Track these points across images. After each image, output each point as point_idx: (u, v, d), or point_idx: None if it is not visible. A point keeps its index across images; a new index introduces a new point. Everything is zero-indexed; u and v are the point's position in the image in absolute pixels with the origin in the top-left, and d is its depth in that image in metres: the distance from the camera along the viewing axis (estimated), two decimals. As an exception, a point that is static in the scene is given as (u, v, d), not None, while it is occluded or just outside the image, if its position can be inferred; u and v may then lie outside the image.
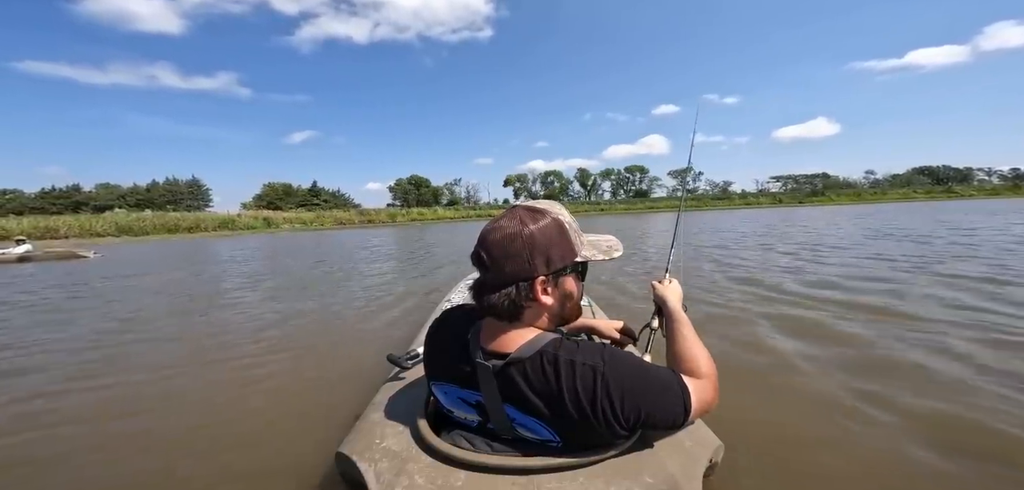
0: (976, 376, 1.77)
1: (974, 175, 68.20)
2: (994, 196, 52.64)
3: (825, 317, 2.75)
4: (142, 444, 1.56)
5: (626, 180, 70.82)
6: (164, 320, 3.67)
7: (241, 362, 2.43)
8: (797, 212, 25.88)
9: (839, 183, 68.22)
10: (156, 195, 53.56)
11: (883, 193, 60.35)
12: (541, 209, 0.79)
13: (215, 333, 3.14)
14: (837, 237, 8.28)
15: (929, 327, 2.44)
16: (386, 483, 0.72)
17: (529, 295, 0.76)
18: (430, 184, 67.31)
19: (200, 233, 31.38)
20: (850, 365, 1.94)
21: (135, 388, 2.11)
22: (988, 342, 2.14)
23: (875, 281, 3.85)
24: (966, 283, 3.54)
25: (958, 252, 5.44)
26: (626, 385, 0.72)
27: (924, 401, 1.57)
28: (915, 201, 45.66)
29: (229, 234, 30.63)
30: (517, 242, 0.74)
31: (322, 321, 3.42)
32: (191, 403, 1.92)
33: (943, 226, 9.63)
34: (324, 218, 43.58)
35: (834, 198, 57.86)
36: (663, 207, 56.02)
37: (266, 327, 3.26)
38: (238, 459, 1.42)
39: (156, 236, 28.31)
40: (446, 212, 53.55)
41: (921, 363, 1.92)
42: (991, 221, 10.53)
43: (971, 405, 1.53)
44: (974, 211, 16.46)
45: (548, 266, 0.76)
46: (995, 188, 61.46)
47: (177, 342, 2.94)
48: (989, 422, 1.41)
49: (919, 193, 58.72)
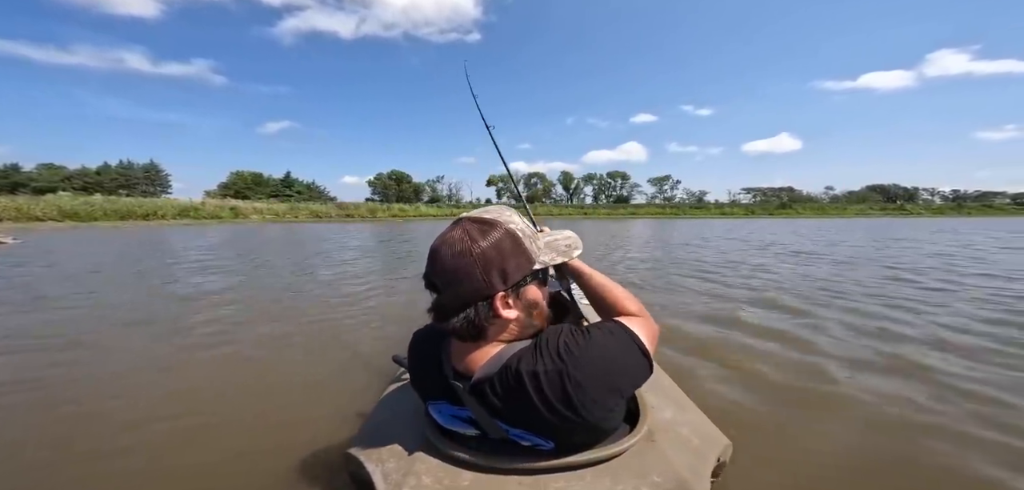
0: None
1: (920, 194, 74.13)
2: (939, 215, 57.44)
3: (844, 319, 2.82)
4: (142, 445, 1.48)
5: (608, 185, 71.82)
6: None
7: (240, 361, 2.35)
8: (792, 223, 26.82)
9: (803, 197, 72.30)
10: (107, 179, 48.83)
11: (843, 208, 64.38)
12: (490, 220, 0.74)
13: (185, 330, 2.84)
14: (852, 247, 8.32)
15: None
16: (393, 483, 0.72)
17: (490, 314, 0.72)
18: (411, 180, 65.42)
19: (157, 220, 28.82)
20: (863, 365, 1.97)
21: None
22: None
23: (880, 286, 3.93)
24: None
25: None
26: (595, 371, 0.70)
27: (936, 405, 1.59)
28: (871, 216, 49.22)
29: (190, 222, 28.56)
30: (467, 261, 0.70)
31: (325, 322, 3.23)
32: (188, 403, 1.81)
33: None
34: (298, 210, 41.32)
35: (800, 211, 61.11)
36: (643, 213, 57.21)
37: (257, 327, 3.02)
38: (242, 461, 1.38)
39: (106, 222, 25.66)
40: (429, 209, 52.11)
41: (935, 366, 1.95)
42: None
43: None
44: (940, 230, 17.42)
45: (505, 281, 0.72)
46: (940, 207, 67.03)
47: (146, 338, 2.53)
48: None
49: (874, 210, 63.11)
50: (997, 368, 1.97)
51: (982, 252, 7.39)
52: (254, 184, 55.15)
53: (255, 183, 55.52)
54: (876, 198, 71.98)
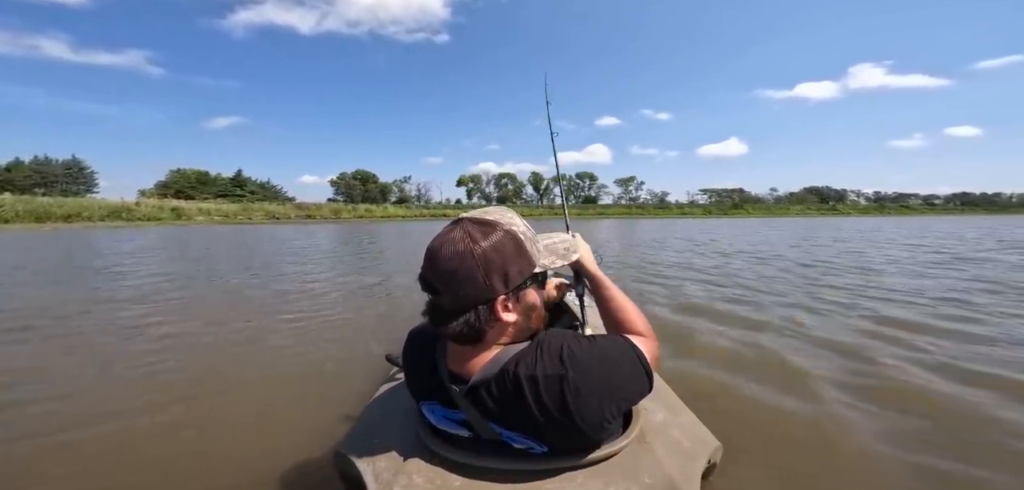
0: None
1: (848, 196, 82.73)
2: (865, 214, 64.41)
3: (837, 320, 2.90)
4: (138, 443, 1.49)
5: (577, 186, 73.11)
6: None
7: (237, 360, 2.37)
8: (748, 223, 28.59)
9: (752, 198, 78.06)
10: (19, 176, 42.13)
11: (787, 208, 70.24)
12: (491, 221, 0.71)
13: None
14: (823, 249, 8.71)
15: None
16: (384, 483, 0.71)
17: (490, 317, 0.70)
18: (378, 180, 62.68)
19: (82, 222, 25.23)
20: (851, 370, 1.99)
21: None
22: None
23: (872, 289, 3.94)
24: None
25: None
26: (595, 380, 0.69)
27: (929, 399, 1.65)
28: (810, 216, 54.16)
29: (123, 224, 25.45)
30: (469, 263, 0.67)
31: (319, 320, 3.23)
32: (182, 401, 1.80)
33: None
34: (252, 210, 38.00)
35: (751, 211, 65.87)
36: (611, 213, 58.86)
37: (253, 322, 3.13)
38: (233, 459, 1.38)
39: (18, 225, 21.98)
40: (397, 210, 50.09)
41: (930, 373, 1.95)
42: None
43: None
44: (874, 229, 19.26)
45: (507, 284, 0.70)
46: (866, 207, 75.16)
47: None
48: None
49: (812, 210, 69.45)
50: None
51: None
52: (198, 183, 50.12)
53: (200, 182, 50.47)
54: (813, 199, 79.18)
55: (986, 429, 1.48)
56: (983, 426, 1.50)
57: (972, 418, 1.55)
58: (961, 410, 1.61)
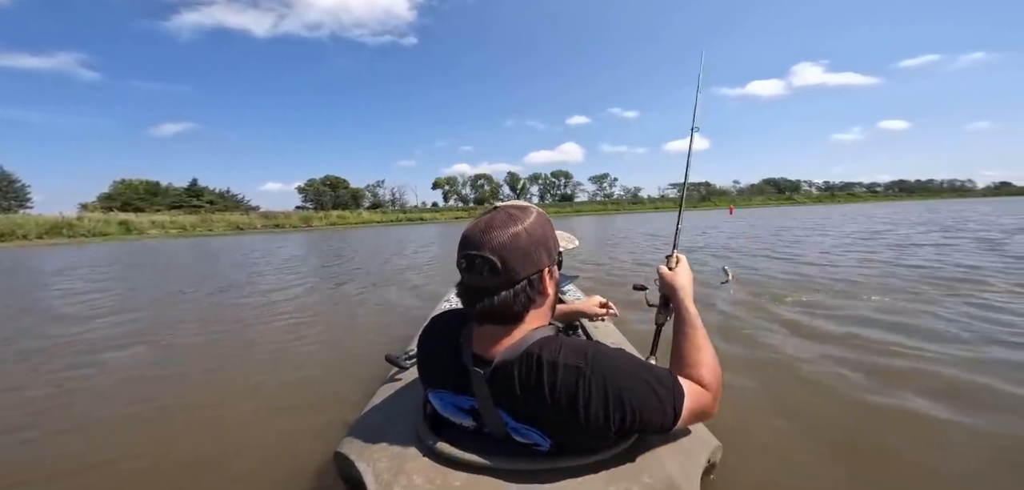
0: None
1: (802, 186, 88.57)
2: (818, 203, 69.00)
3: (833, 314, 2.78)
4: (138, 443, 1.52)
5: (553, 184, 73.70)
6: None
7: (237, 359, 2.42)
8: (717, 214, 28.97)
9: (718, 191, 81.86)
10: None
11: (750, 199, 74.17)
12: (524, 205, 0.79)
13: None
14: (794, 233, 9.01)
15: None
16: (385, 483, 0.72)
17: (539, 288, 0.75)
18: (349, 185, 60.31)
19: (16, 241, 22.50)
20: (853, 364, 1.92)
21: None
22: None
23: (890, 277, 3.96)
24: None
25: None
26: (611, 386, 0.69)
27: (931, 402, 1.55)
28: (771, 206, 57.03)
29: (65, 242, 23.02)
30: (524, 240, 0.73)
31: (319, 321, 3.28)
32: (176, 405, 1.84)
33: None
34: (213, 221, 35.40)
35: (718, 203, 69.00)
36: (587, 211, 59.69)
37: (257, 323, 3.19)
38: (233, 460, 1.39)
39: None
40: (372, 216, 48.37)
41: (933, 371, 1.84)
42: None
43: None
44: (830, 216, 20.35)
45: (549, 257, 0.77)
46: (818, 197, 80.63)
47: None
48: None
49: (771, 200, 73.71)
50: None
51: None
52: (148, 194, 46.26)
53: (150, 193, 46.60)
54: (771, 190, 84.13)
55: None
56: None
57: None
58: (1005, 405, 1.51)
